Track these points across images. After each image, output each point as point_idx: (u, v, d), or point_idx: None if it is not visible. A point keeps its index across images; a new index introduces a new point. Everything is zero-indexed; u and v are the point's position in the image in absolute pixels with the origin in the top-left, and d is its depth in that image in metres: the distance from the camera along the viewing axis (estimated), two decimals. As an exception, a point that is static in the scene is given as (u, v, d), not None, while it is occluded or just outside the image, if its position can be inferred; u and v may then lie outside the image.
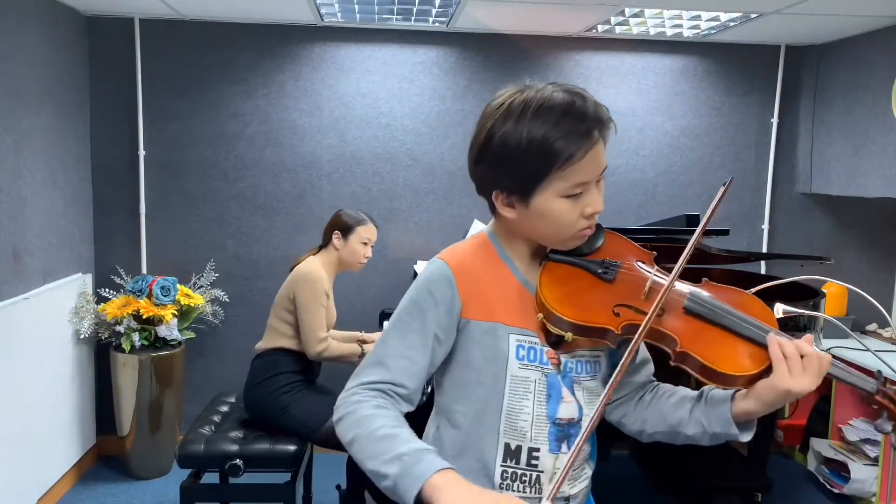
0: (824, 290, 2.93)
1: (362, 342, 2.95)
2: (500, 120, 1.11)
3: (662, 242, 2.83)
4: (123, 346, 3.28)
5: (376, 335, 3.03)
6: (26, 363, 2.89)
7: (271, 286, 3.65)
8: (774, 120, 3.84)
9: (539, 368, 1.16)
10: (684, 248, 1.19)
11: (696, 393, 1.21)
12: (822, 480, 3.45)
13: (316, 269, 2.79)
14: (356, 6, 3.18)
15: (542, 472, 1.17)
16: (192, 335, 3.52)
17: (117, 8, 3.37)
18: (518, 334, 1.15)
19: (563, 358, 1.17)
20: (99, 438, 3.63)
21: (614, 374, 1.08)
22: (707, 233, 2.95)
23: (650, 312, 1.09)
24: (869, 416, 3.45)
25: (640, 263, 1.20)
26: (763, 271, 3.85)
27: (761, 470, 2.99)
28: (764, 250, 3.90)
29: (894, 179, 3.22)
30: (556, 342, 1.15)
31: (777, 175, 3.90)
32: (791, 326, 2.59)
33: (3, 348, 2.72)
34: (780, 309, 1.41)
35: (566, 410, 1.17)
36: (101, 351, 3.53)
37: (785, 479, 3.59)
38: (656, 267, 1.20)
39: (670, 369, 1.16)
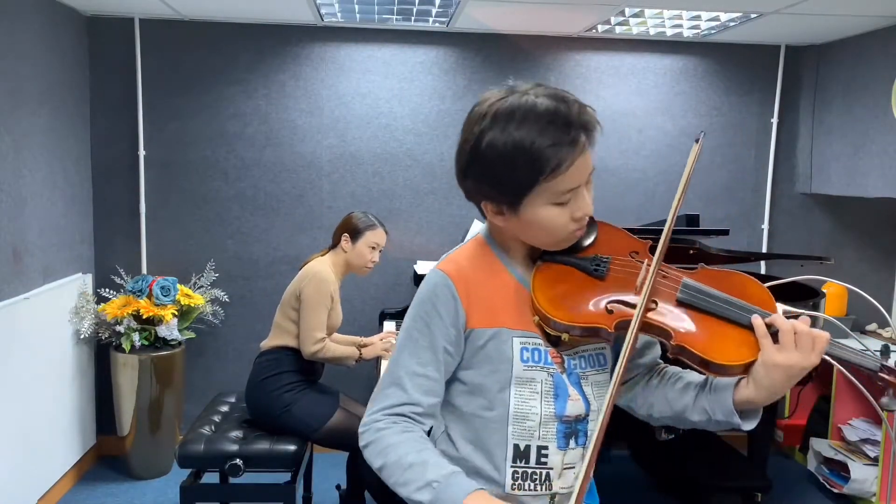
0: (824, 290, 2.93)
1: (361, 346, 2.95)
2: (486, 129, 1.09)
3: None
4: (123, 346, 3.28)
5: (375, 338, 3.05)
6: (26, 363, 2.89)
7: (271, 286, 3.66)
8: (774, 120, 3.84)
9: (544, 369, 1.16)
10: (684, 247, 1.19)
11: (701, 379, 1.21)
12: (822, 480, 3.45)
13: (325, 270, 2.79)
14: (356, 6, 3.18)
15: (551, 468, 1.18)
16: (192, 335, 3.52)
17: (117, 8, 3.37)
18: (521, 337, 1.16)
19: (565, 357, 1.18)
20: (99, 438, 3.63)
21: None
22: (707, 233, 2.95)
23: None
24: (869, 416, 3.45)
25: (633, 254, 1.18)
26: (763, 271, 3.85)
27: (761, 470, 2.99)
28: (764, 250, 3.90)
29: (894, 179, 3.22)
30: (555, 341, 1.16)
31: (777, 175, 3.90)
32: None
33: (3, 348, 2.72)
34: (780, 309, 1.40)
35: (573, 408, 1.18)
36: (101, 351, 3.54)
37: (785, 479, 3.59)
38: (649, 257, 1.18)
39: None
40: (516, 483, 1.17)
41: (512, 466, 1.17)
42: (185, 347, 3.53)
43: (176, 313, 3.37)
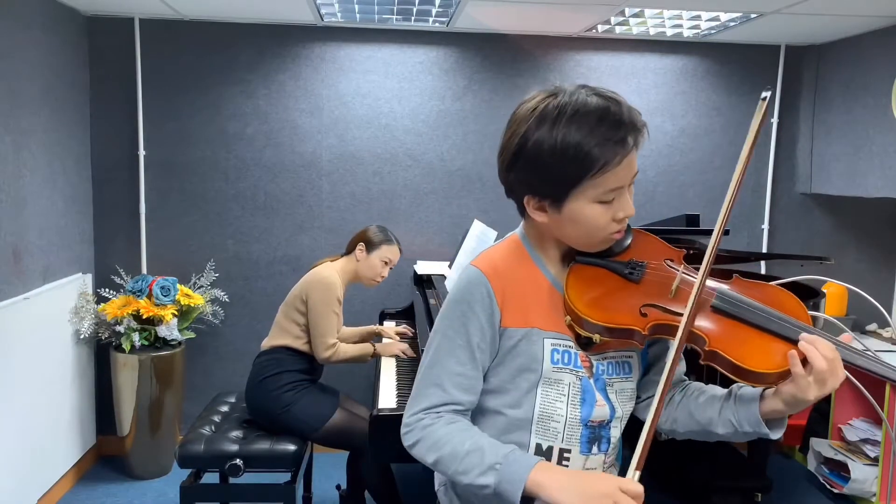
0: (824, 290, 2.93)
1: (377, 335, 3.02)
2: (534, 125, 1.10)
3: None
4: (123, 346, 3.28)
5: (391, 330, 3.12)
6: (26, 363, 2.89)
7: (271, 286, 3.67)
8: (774, 120, 3.84)
9: (573, 372, 1.17)
10: (684, 247, 1.19)
11: (724, 391, 1.20)
12: (822, 480, 3.45)
13: (333, 275, 2.80)
14: (356, 6, 3.18)
15: None
16: (192, 335, 3.52)
17: (117, 8, 3.37)
18: (553, 338, 1.16)
19: (594, 361, 1.18)
20: (99, 438, 3.63)
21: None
22: (707, 233, 2.95)
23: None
24: (869, 416, 3.45)
25: (668, 262, 1.19)
26: (763, 271, 3.85)
27: (761, 470, 2.99)
28: (764, 250, 3.90)
29: (894, 179, 3.22)
30: (586, 343, 1.16)
31: (777, 175, 3.90)
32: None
33: (3, 348, 2.72)
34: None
35: (599, 413, 1.18)
36: (101, 351, 3.53)
37: (785, 479, 3.59)
38: (684, 265, 1.18)
39: (697, 365, 1.15)
40: None
41: None
42: (185, 347, 3.53)
43: (176, 313, 3.37)
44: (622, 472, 1.06)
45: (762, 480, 2.91)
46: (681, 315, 1.09)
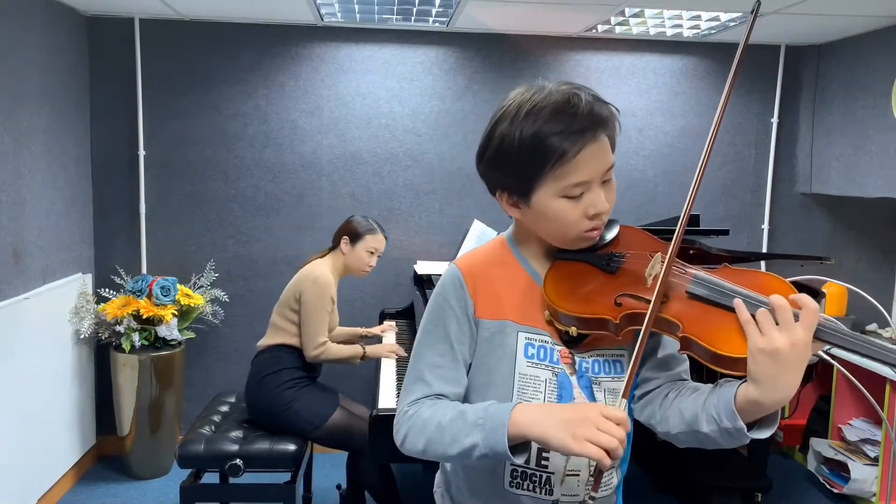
0: (824, 290, 2.93)
1: (363, 337, 3.10)
2: (500, 121, 1.11)
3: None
4: (123, 346, 3.28)
5: (376, 329, 3.23)
6: (26, 363, 2.89)
7: (271, 286, 3.66)
8: (774, 120, 3.84)
9: (549, 367, 1.13)
10: (684, 247, 1.17)
11: (712, 385, 1.11)
12: (822, 480, 3.45)
13: (325, 273, 2.81)
14: (356, 6, 3.18)
15: (552, 472, 1.13)
16: (192, 335, 3.52)
17: (117, 8, 3.37)
18: (528, 332, 1.14)
19: (577, 358, 1.14)
20: (99, 438, 3.63)
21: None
22: (707, 233, 2.95)
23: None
24: (869, 416, 3.45)
25: (651, 254, 1.14)
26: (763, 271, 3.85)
27: (761, 470, 2.99)
28: (764, 250, 3.90)
29: (894, 179, 3.22)
30: (569, 341, 1.13)
31: (777, 175, 3.90)
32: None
33: (3, 348, 2.72)
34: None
35: None
36: (101, 351, 3.53)
37: (785, 479, 3.59)
38: (669, 256, 1.11)
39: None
40: (514, 481, 1.15)
41: (511, 465, 1.13)
42: (185, 347, 3.53)
43: (176, 313, 3.37)
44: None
45: (762, 480, 2.91)
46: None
